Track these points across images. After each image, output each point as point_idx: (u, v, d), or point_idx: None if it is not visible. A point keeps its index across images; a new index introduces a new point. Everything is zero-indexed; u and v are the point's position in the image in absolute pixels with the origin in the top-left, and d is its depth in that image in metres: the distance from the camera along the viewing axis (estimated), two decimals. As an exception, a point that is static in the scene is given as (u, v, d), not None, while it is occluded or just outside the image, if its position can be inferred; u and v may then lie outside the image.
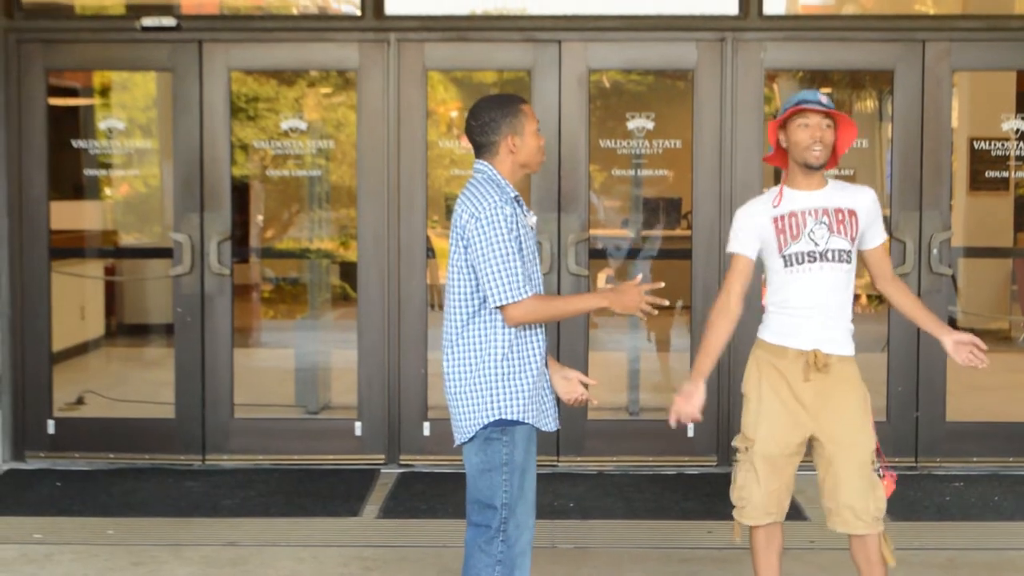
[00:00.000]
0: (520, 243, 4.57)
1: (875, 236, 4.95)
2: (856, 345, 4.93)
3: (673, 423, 5.00)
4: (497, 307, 4.53)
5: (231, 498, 7.39)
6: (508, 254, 4.50)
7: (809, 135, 4.81)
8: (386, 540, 6.62)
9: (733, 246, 4.99)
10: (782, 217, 4.88)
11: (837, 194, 4.90)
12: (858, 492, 4.81)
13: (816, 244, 4.83)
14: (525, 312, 4.53)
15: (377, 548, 6.46)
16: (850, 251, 4.85)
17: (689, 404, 4.93)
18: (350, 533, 6.75)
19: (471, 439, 4.66)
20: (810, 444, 4.93)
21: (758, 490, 4.93)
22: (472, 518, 4.70)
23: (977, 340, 4.89)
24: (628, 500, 7.34)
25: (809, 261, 4.83)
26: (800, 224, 4.85)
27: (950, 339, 4.94)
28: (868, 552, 4.87)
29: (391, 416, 8.06)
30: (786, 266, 4.87)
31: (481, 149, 4.74)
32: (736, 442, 5.02)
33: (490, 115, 4.72)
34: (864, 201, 4.90)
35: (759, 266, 5.02)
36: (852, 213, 4.86)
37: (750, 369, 5.01)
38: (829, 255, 4.82)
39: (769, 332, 4.95)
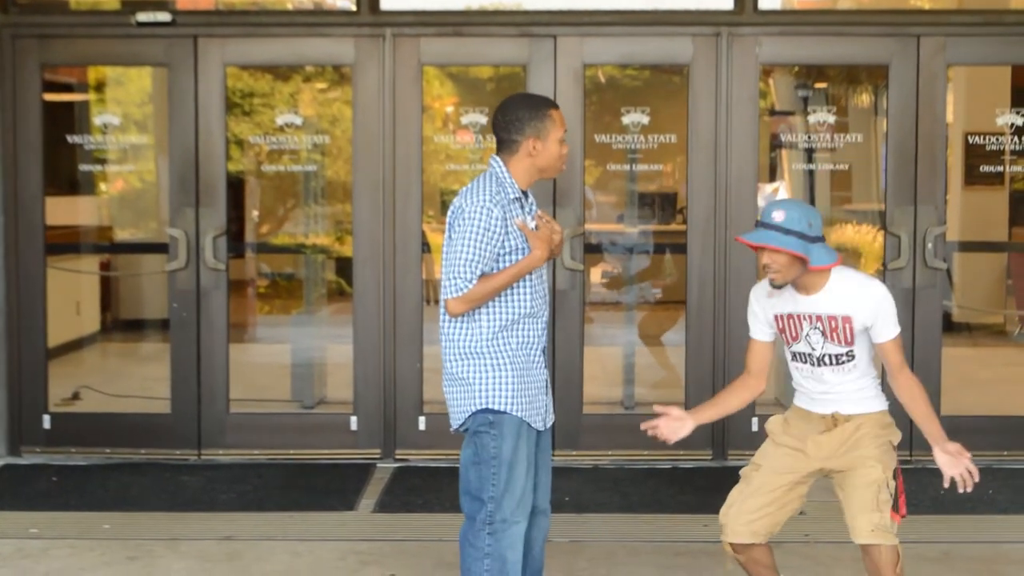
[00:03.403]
0: (508, 246, 4.63)
1: (879, 333, 4.75)
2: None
3: (648, 432, 4.98)
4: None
5: (227, 492, 7.39)
6: (468, 254, 4.57)
7: (763, 261, 4.68)
8: (382, 534, 6.63)
9: (750, 329, 4.99)
10: (782, 317, 4.84)
11: (835, 297, 4.71)
12: (860, 505, 4.77)
13: (813, 349, 4.79)
14: (459, 303, 4.60)
15: (373, 542, 6.47)
16: (850, 351, 4.75)
17: (672, 427, 4.95)
18: (346, 527, 6.76)
19: (464, 429, 4.75)
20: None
21: (747, 507, 4.87)
22: (464, 509, 4.77)
23: (966, 456, 4.72)
24: (623, 494, 7.36)
25: (810, 364, 4.82)
26: (798, 327, 4.81)
27: (940, 449, 4.75)
28: (874, 562, 4.77)
29: (387, 411, 8.07)
30: (792, 360, 4.90)
31: (502, 145, 4.78)
32: (743, 470, 5.00)
33: (517, 113, 4.75)
34: (862, 304, 4.71)
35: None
36: (846, 320, 4.72)
37: (776, 418, 5.03)
38: (826, 359, 4.79)
39: (797, 398, 4.98)
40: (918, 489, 7.30)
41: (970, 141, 8.75)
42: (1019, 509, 7.02)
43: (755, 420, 7.78)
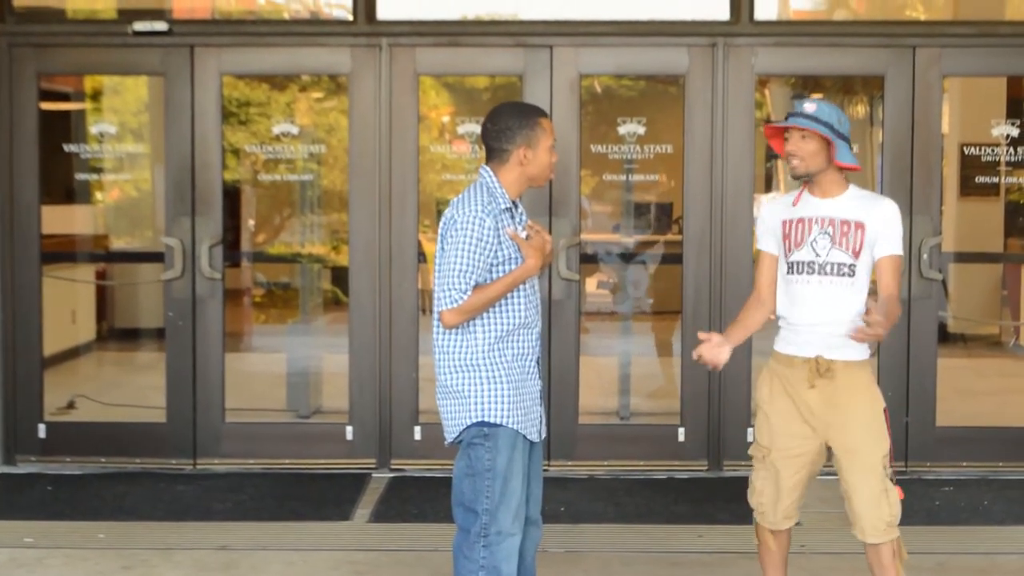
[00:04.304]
0: (501, 256, 4.63)
1: (882, 248, 4.82)
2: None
3: (696, 358, 5.01)
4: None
5: (222, 502, 7.39)
6: (461, 265, 4.57)
7: (787, 148, 4.86)
8: (377, 544, 6.62)
9: (758, 242, 5.11)
10: (790, 221, 4.92)
11: (852, 204, 4.85)
12: (868, 501, 4.83)
13: (817, 255, 4.83)
14: (453, 315, 4.60)
15: (368, 552, 6.47)
16: (853, 265, 4.79)
17: (714, 352, 4.96)
18: (341, 537, 6.75)
19: (458, 441, 4.73)
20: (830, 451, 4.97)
21: (779, 498, 4.98)
22: (457, 521, 4.76)
23: (881, 328, 4.65)
24: (618, 504, 7.35)
25: (808, 272, 4.84)
26: (805, 232, 4.86)
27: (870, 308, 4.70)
28: (881, 558, 4.87)
29: (382, 420, 8.06)
30: (788, 273, 4.91)
31: (492, 154, 4.77)
32: (752, 451, 5.09)
33: (507, 123, 4.74)
34: (877, 213, 4.82)
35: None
36: (859, 226, 4.79)
37: (762, 380, 5.07)
38: (828, 268, 4.80)
39: (779, 342, 5.00)
40: (913, 500, 7.29)
41: (965, 152, 8.77)
42: (1014, 520, 7.02)
43: (750, 431, 7.79)
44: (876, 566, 4.90)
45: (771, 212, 5.05)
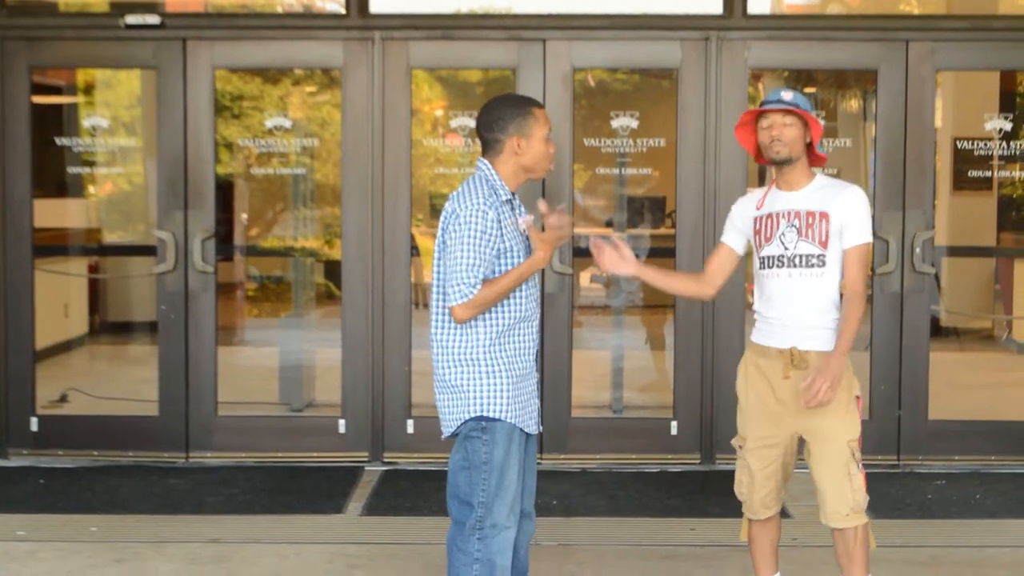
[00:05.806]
0: (502, 248, 4.61)
1: (849, 237, 4.83)
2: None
3: (591, 248, 5.13)
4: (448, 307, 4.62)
5: (215, 495, 7.38)
6: (469, 259, 4.55)
7: (767, 135, 4.88)
8: (370, 537, 6.63)
9: (722, 235, 5.16)
10: (761, 218, 4.96)
11: (816, 195, 4.88)
12: (831, 486, 4.87)
13: (785, 248, 4.86)
14: (464, 309, 4.58)
15: (361, 545, 6.47)
16: (822, 255, 4.82)
17: (612, 258, 5.12)
18: (334, 530, 6.75)
19: (455, 435, 4.72)
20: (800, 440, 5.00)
21: (753, 487, 5.04)
22: (452, 514, 4.75)
23: (827, 383, 4.65)
24: (611, 497, 7.36)
25: (778, 266, 4.88)
26: (774, 226, 4.90)
27: (824, 359, 4.74)
28: (847, 544, 4.93)
29: (375, 414, 8.06)
30: (761, 268, 4.96)
31: (486, 146, 4.76)
32: (734, 441, 5.14)
33: (500, 113, 4.73)
34: (841, 202, 4.84)
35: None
36: (824, 216, 4.82)
37: (740, 370, 5.13)
38: (797, 260, 4.83)
39: (755, 333, 5.04)
40: (905, 494, 7.33)
41: (958, 146, 8.77)
42: (1006, 513, 7.03)
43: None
44: (842, 553, 4.94)
45: (740, 212, 5.10)
